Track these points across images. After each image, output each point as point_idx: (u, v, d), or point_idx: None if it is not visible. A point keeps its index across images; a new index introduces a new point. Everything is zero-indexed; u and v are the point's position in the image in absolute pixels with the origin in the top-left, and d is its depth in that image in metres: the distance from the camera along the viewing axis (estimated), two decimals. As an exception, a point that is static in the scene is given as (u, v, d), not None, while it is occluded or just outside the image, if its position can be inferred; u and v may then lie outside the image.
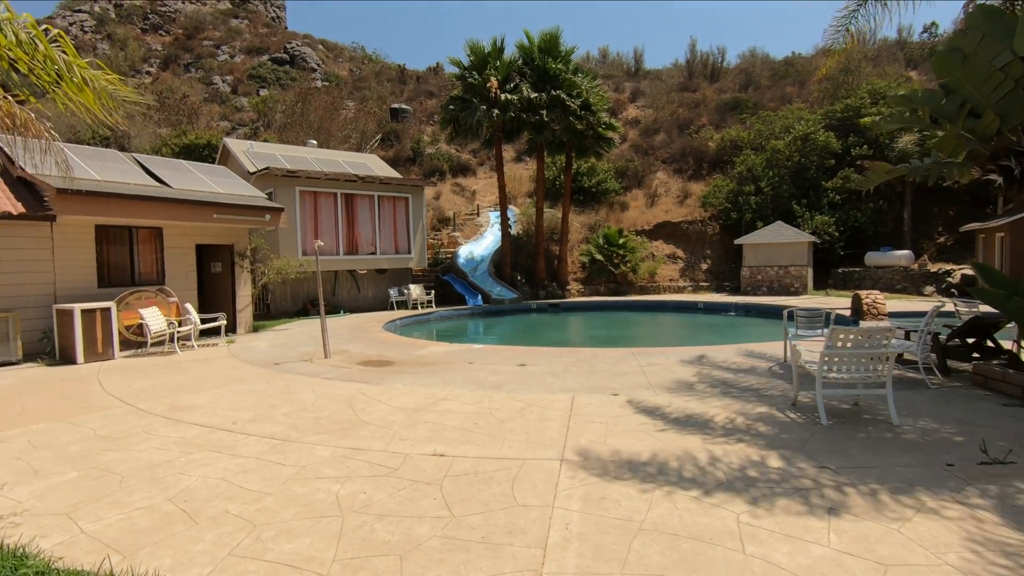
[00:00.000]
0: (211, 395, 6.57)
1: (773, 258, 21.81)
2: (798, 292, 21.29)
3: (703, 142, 30.17)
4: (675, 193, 28.35)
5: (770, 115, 27.77)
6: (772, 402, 5.67)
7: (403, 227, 19.20)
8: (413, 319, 16.92)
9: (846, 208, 23.50)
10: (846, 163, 24.12)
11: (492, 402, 5.89)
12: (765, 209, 24.05)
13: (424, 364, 8.22)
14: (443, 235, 25.07)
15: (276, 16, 70.86)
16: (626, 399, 5.90)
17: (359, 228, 18.08)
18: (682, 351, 8.80)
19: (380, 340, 10.90)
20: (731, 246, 23.93)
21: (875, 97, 25.42)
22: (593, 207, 27.45)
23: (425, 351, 9.41)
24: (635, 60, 48.95)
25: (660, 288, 23.72)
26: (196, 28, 53.58)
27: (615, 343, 13.44)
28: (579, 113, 20.91)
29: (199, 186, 12.67)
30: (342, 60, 54.95)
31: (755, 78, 40.07)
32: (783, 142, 24.73)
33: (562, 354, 8.72)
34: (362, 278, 18.96)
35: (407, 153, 31.16)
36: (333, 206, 17.46)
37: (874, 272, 21.77)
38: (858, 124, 24.69)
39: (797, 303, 17.34)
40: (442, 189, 28.77)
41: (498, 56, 20.90)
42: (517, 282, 22.44)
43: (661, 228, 26.14)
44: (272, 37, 54.43)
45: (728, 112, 34.01)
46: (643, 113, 37.58)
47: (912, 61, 37.52)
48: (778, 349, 8.77)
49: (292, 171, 16.22)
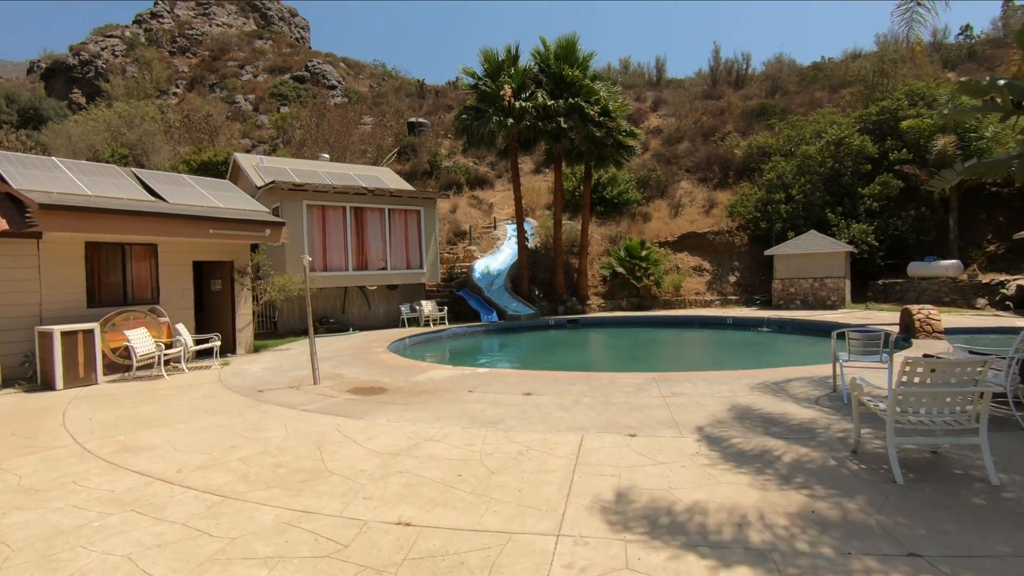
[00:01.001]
0: (172, 432, 5.81)
1: (807, 269, 20.47)
2: (835, 306, 19.88)
3: (729, 149, 28.99)
4: (700, 203, 27.18)
5: (800, 119, 26.49)
6: (826, 446, 4.63)
7: (415, 241, 18.52)
8: (424, 337, 16.12)
9: (885, 216, 22.02)
10: (883, 168, 22.68)
11: (485, 444, 4.98)
12: (797, 218, 22.72)
13: (419, 392, 7.36)
14: (459, 249, 24.36)
15: (300, 37, 72.20)
16: (645, 442, 4.92)
17: (369, 243, 17.45)
18: (712, 376, 7.75)
19: (380, 363, 10.09)
20: (761, 257, 22.64)
21: (913, 99, 23.98)
22: (614, 218, 26.44)
23: (424, 376, 8.55)
24: (657, 70, 48.00)
25: (686, 302, 22.52)
26: (222, 50, 54.67)
27: (636, 364, 12.40)
28: (598, 120, 20.06)
29: (199, 201, 12.15)
30: (363, 77, 55.37)
31: (782, 84, 38.77)
32: (815, 147, 23.43)
33: (574, 380, 7.76)
34: (372, 294, 18.29)
35: (424, 167, 30.70)
36: (342, 220, 16.87)
37: (918, 284, 20.24)
38: (896, 127, 23.27)
39: (835, 318, 16.02)
40: (459, 202, 28.15)
41: (513, 64, 20.24)
42: (535, 297, 21.52)
43: (686, 239, 24.97)
44: (295, 56, 55.19)
45: (754, 118, 32.78)
46: (665, 122, 36.56)
47: (949, 62, 35.80)
48: (825, 373, 7.67)
49: (298, 184, 15.70)
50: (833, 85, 35.49)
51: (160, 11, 58.53)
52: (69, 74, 49.88)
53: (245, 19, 64.62)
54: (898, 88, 24.85)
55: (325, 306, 17.43)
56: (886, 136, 23.31)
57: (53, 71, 51.27)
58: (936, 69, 30.02)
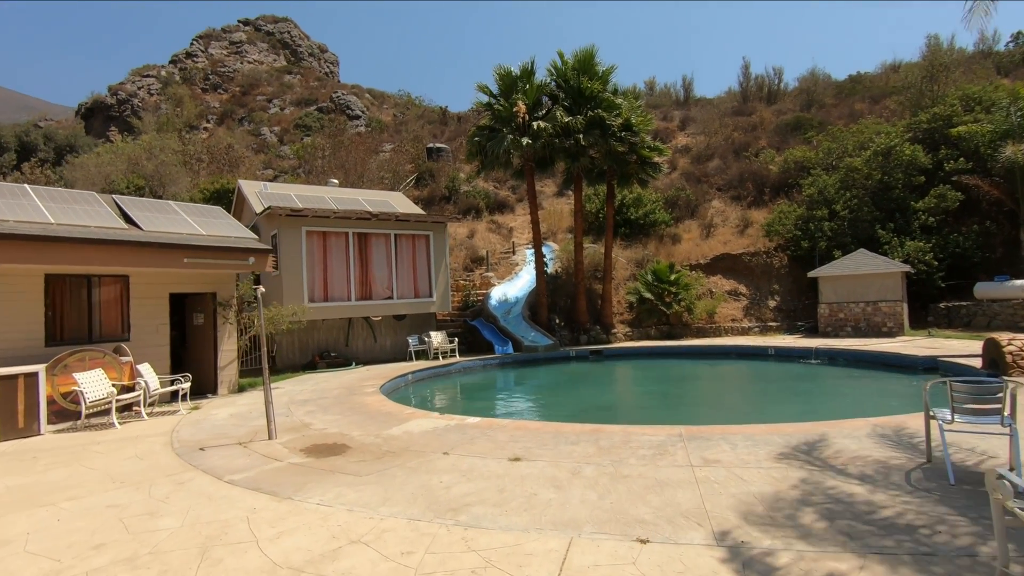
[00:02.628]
0: (50, 514, 4.53)
1: (857, 292, 18.38)
2: (892, 332, 17.68)
3: (763, 165, 27.18)
4: (733, 222, 25.35)
5: (841, 130, 24.59)
6: (947, 565, 3.00)
7: (423, 268, 17.33)
8: (430, 372, 14.76)
9: (943, 232, 19.79)
10: (938, 179, 20.54)
11: (431, 548, 3.51)
12: (842, 236, 20.69)
13: (383, 455, 5.93)
14: (475, 276, 23.12)
15: (329, 72, 73.89)
16: (661, 554, 3.37)
17: (373, 270, 16.33)
18: (755, 433, 6.10)
19: (361, 408, 8.73)
20: (803, 279, 20.61)
21: (968, 104, 21.88)
22: (641, 241, 24.83)
23: (400, 429, 7.14)
24: (684, 89, 46.60)
25: (721, 330, 20.58)
26: (251, 85, 56.01)
27: (662, 408, 10.71)
28: (619, 135, 18.73)
29: (180, 228, 11.22)
30: (386, 107, 55.77)
31: (817, 97, 36.79)
32: (860, 159, 21.47)
33: (579, 437, 6.22)
34: (378, 325, 17.10)
35: (442, 191, 29.85)
36: (344, 247, 15.83)
37: (988, 307, 17.91)
38: (949, 134, 21.17)
39: (895, 347, 13.95)
40: (477, 227, 27.04)
41: (528, 80, 19.17)
42: (555, 326, 19.98)
43: (719, 261, 23.12)
44: (321, 89, 56.09)
45: (789, 133, 30.92)
46: (694, 140, 34.99)
47: (1002, 68, 33.33)
48: (912, 427, 5.95)
49: (297, 210, 14.75)
50: (874, 96, 33.40)
51: (195, 51, 60.65)
52: (107, 113, 51.71)
53: (276, 56, 66.47)
54: (950, 93, 22.78)
55: (327, 339, 16.30)
56: (939, 145, 21.21)
57: (92, 111, 53.28)
58: (990, 74, 27.75)
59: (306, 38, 73.10)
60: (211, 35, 64.15)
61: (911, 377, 11.60)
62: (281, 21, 71.87)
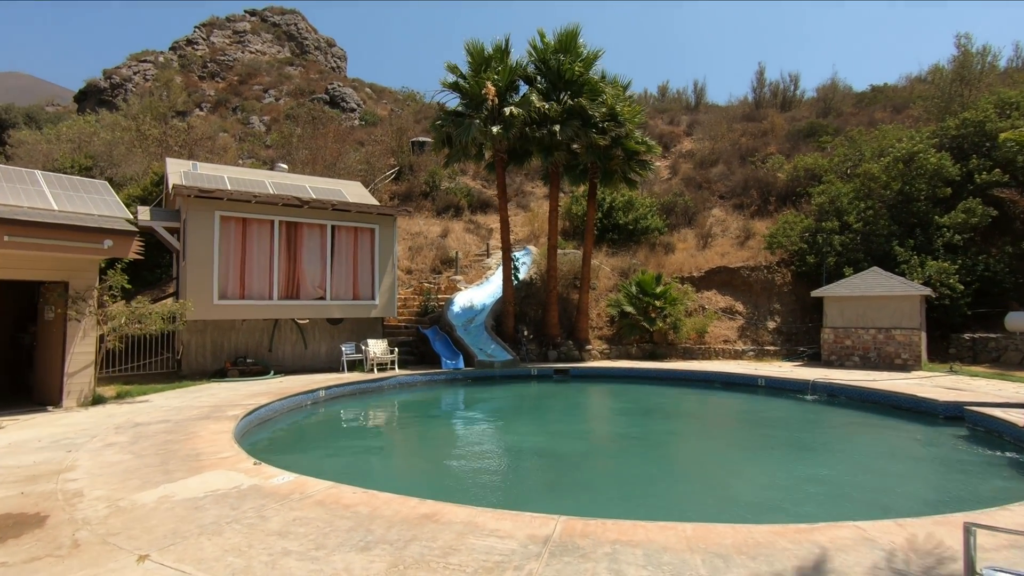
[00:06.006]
0: None
1: (868, 317, 15.89)
2: (907, 366, 15.14)
3: (770, 172, 24.76)
4: (734, 232, 22.92)
5: (860, 132, 22.12)
6: None
7: (366, 266, 15.14)
8: (354, 388, 12.52)
9: (971, 251, 17.26)
10: (967, 192, 18.01)
11: None
12: (854, 251, 18.21)
13: (58, 550, 3.69)
14: (442, 279, 20.90)
15: (336, 67, 72.43)
16: None
17: (304, 265, 14.17)
18: (675, 541, 3.76)
19: (177, 445, 6.51)
20: (807, 299, 18.16)
21: (1005, 109, 19.33)
22: (630, 248, 22.51)
23: (175, 487, 4.88)
24: (695, 94, 44.16)
25: (711, 352, 18.16)
26: (250, 75, 54.52)
27: (595, 455, 8.40)
28: (602, 125, 16.47)
29: (25, 201, 9.15)
30: (385, 101, 53.99)
31: (835, 105, 34.18)
32: (878, 166, 19.00)
33: (388, 532, 3.89)
34: (310, 330, 14.92)
35: (422, 187, 27.73)
36: (269, 237, 13.69)
37: (1021, 341, 15.34)
38: (982, 144, 18.63)
39: (909, 385, 11.45)
40: (453, 226, 24.85)
41: (501, 59, 17.01)
42: (522, 339, 17.69)
43: (715, 275, 20.71)
44: (321, 82, 54.45)
45: (802, 139, 28.44)
46: (699, 145, 32.57)
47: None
48: (949, 544, 3.61)
49: (207, 190, 12.64)
50: (896, 106, 30.79)
51: (196, 38, 59.40)
52: (100, 96, 50.43)
53: (280, 47, 65.11)
54: (983, 98, 20.23)
55: (248, 342, 14.15)
56: (969, 155, 18.69)
57: (86, 94, 52.07)
58: None
59: (313, 31, 71.72)
60: (214, 23, 63.00)
61: (931, 428, 9.15)
62: (288, 13, 70.61)
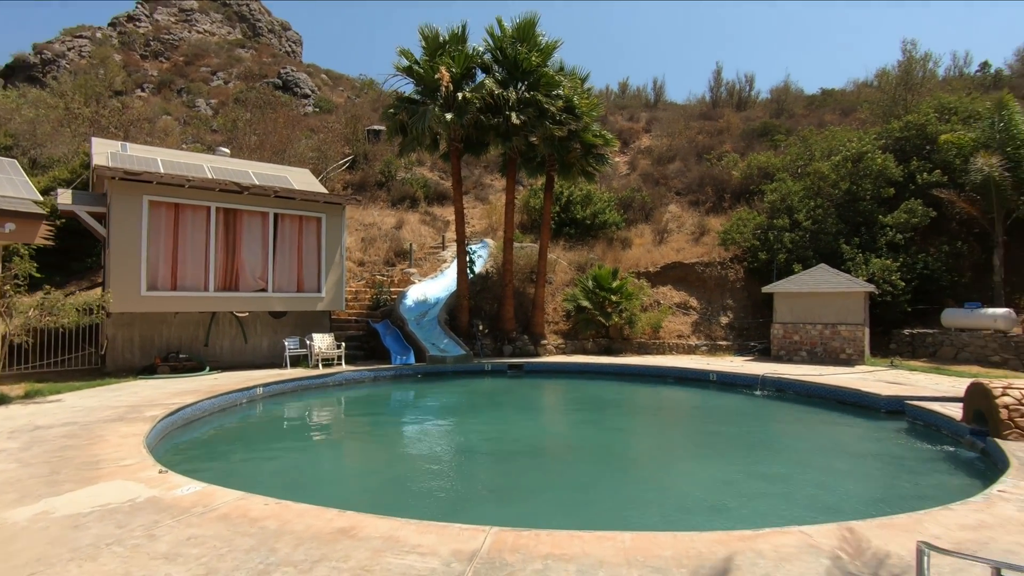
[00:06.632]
0: None
1: (815, 312, 16.23)
2: (851, 360, 15.55)
3: (725, 170, 25.11)
4: (689, 229, 23.13)
5: (811, 131, 22.63)
6: None
7: (312, 257, 14.42)
8: (295, 384, 11.87)
9: (912, 250, 17.86)
10: (909, 193, 18.65)
11: None
12: (804, 249, 18.60)
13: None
14: (395, 272, 20.28)
15: (291, 51, 69.83)
16: None
17: (243, 255, 13.35)
18: (612, 554, 3.47)
19: (78, 448, 5.85)
20: (759, 295, 18.44)
21: (944, 113, 20.12)
22: (587, 243, 22.40)
23: (58, 501, 4.30)
24: (655, 92, 44.62)
25: (665, 347, 18.23)
26: (197, 55, 51.89)
27: (542, 455, 8.14)
28: (559, 117, 16.20)
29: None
30: (342, 88, 52.39)
31: (788, 107, 35.09)
32: (828, 164, 19.45)
33: (293, 552, 3.47)
34: (249, 323, 14.11)
35: (377, 177, 26.89)
36: (204, 224, 12.82)
37: (955, 336, 15.96)
38: (923, 146, 19.33)
39: (852, 379, 11.68)
40: (408, 218, 24.19)
41: (457, 45, 16.51)
42: (476, 333, 17.31)
43: (670, 270, 20.83)
44: (274, 66, 52.32)
45: (756, 139, 29.00)
46: (657, 142, 32.82)
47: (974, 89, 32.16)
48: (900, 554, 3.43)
49: (133, 172, 11.69)
50: (844, 109, 31.81)
51: (138, 15, 56.08)
52: (28, 72, 46.93)
53: (231, 28, 62.23)
54: (925, 103, 21.01)
55: (181, 336, 13.25)
56: (911, 156, 19.35)
57: (13, 69, 48.35)
58: (968, 86, 26.24)
59: (267, 13, 68.86)
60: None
61: (874, 423, 9.28)
62: (240, -8, 67.51)
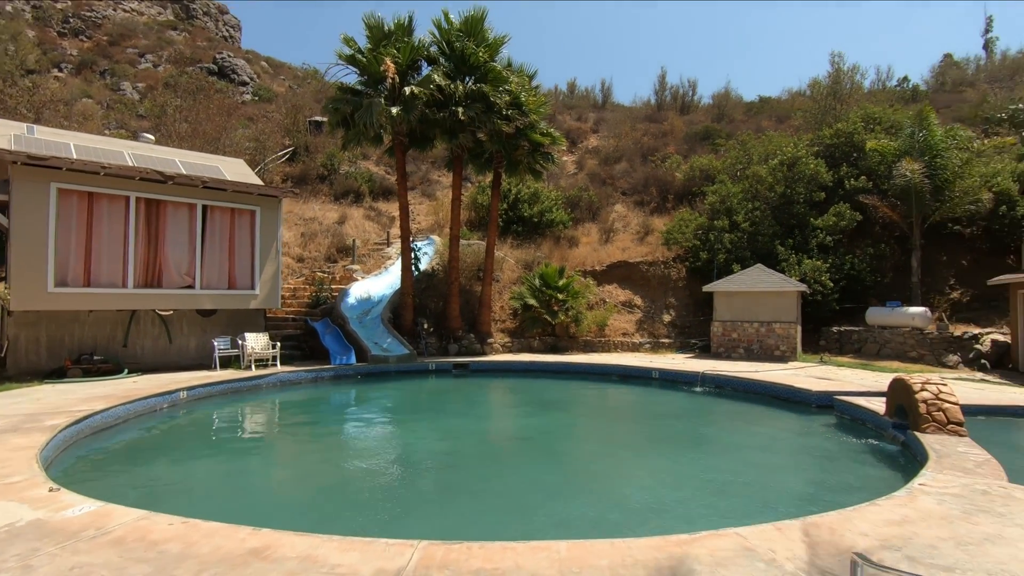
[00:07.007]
0: None
1: (752, 311, 16.81)
2: (784, 357, 16.22)
3: (669, 171, 25.71)
4: (634, 228, 23.54)
5: (750, 135, 23.47)
6: None
7: (245, 252, 13.64)
8: (226, 387, 11.16)
9: (840, 252, 18.82)
10: (838, 197, 19.63)
11: None
12: (742, 249, 19.25)
13: None
14: (337, 269, 19.56)
15: (228, 35, 66.46)
16: None
17: (167, 249, 12.45)
18: (547, 566, 3.32)
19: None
20: (700, 294, 18.94)
21: (870, 123, 21.31)
22: (535, 241, 22.38)
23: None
24: (603, 93, 45.28)
25: (610, 344, 18.43)
26: (123, 36, 48.48)
27: (479, 460, 7.97)
28: (506, 113, 16.02)
29: None
30: (283, 77, 50.33)
31: (728, 112, 36.41)
32: (765, 168, 20.21)
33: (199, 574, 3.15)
34: (174, 322, 13.20)
35: (319, 170, 25.91)
36: (123, 216, 11.86)
37: (878, 333, 16.90)
38: (851, 153, 20.40)
39: (785, 375, 12.15)
40: (352, 213, 23.42)
41: (403, 36, 16.04)
42: (421, 332, 16.92)
43: (616, 269, 21.11)
44: (209, 50, 49.59)
45: (698, 142, 29.89)
46: (604, 143, 33.29)
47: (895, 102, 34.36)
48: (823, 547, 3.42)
49: (38, 157, 10.64)
50: (780, 116, 33.29)
51: (56, -12, 51.81)
52: (-74, 46, 42.45)
53: (161, 9, 58.54)
54: (852, 111, 22.21)
55: (97, 336, 12.22)
56: (841, 163, 20.39)
57: (-93, 41, 43.64)
58: (891, 98, 27.95)
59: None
60: (80, -27, 55.29)
61: (805, 418, 9.62)
62: (173, -29, 63.61)
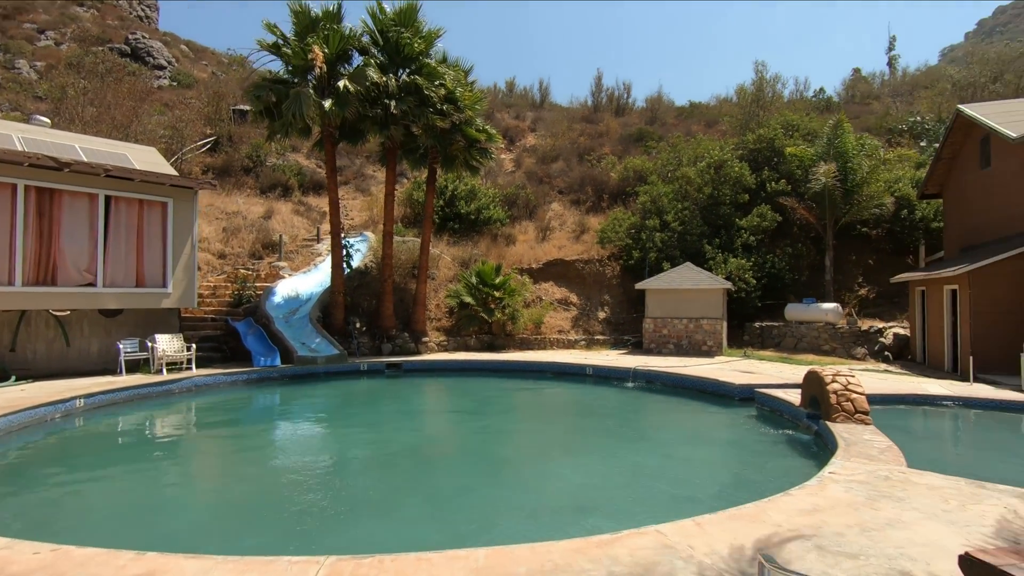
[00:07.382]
0: None
1: (681, 308, 17.36)
2: (711, 352, 16.87)
3: (604, 171, 26.19)
4: (571, 227, 23.80)
5: (680, 138, 24.27)
6: None
7: (156, 247, 12.62)
8: (131, 393, 10.27)
9: (762, 251, 19.80)
10: (761, 199, 20.65)
11: None
12: (672, 248, 19.86)
13: None
14: (262, 266, 18.56)
15: (144, 15, 61.82)
16: None
17: (62, 243, 11.31)
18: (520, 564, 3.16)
19: None
20: (633, 291, 19.38)
21: (789, 130, 22.56)
22: (472, 238, 22.17)
23: None
24: (540, 93, 45.58)
25: (546, 342, 18.53)
26: (19, 9, 44.05)
27: (429, 469, 7.74)
28: (441, 108, 15.71)
29: None
30: (206, 63, 47.42)
31: (660, 115, 37.60)
32: (694, 170, 20.95)
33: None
34: (74, 323, 12.04)
35: (243, 162, 24.52)
36: (9, 205, 10.66)
37: (796, 328, 17.90)
38: (772, 157, 21.51)
39: (711, 369, 12.60)
40: (280, 207, 22.33)
41: (332, 23, 15.37)
42: (353, 332, 16.35)
43: (552, 267, 21.25)
44: (121, 30, 45.92)
45: (632, 143, 30.63)
46: (542, 142, 33.51)
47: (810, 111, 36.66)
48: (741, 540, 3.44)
49: (-98, 137, 9.37)
50: (709, 120, 34.73)
51: (-62, -48, 46.33)
52: None
53: (66, -18, 53.57)
54: (774, 118, 23.44)
55: (-22, 340, 10.93)
56: (763, 166, 21.45)
57: None
58: (808, 107, 29.73)
59: (114, -30, 60.35)
60: (-33, -63, 49.76)
61: (729, 410, 9.99)
62: (79, -58, 58.42)
